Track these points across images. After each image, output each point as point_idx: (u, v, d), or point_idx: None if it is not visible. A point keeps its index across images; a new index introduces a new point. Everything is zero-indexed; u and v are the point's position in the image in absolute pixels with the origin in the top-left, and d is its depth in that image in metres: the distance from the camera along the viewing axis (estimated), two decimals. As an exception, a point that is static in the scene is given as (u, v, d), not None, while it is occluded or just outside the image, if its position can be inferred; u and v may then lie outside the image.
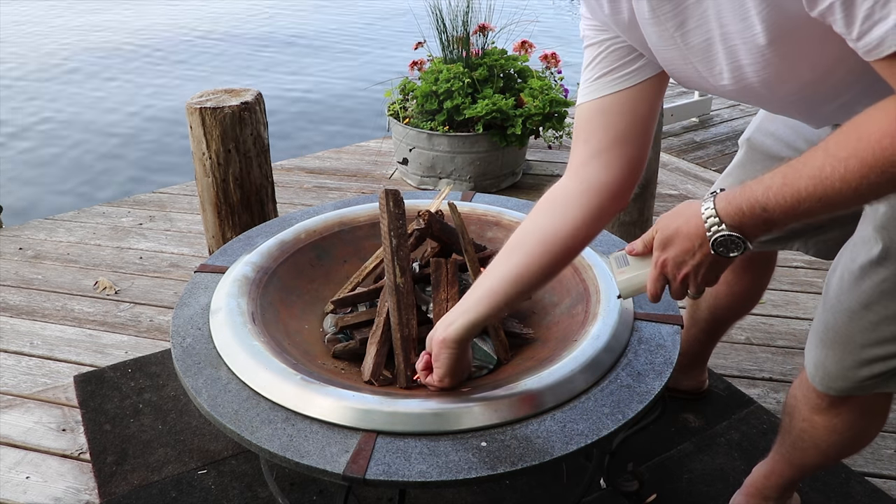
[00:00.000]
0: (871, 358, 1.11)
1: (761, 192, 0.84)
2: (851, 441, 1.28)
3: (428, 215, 1.44)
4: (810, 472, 1.42)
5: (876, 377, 1.13)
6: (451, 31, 3.23)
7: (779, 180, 0.82)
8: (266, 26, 8.38)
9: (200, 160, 2.19)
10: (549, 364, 1.23)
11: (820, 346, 1.17)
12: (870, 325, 1.09)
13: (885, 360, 1.10)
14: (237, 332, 1.30)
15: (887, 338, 1.08)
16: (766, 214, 0.84)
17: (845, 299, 1.11)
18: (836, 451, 1.31)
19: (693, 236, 0.91)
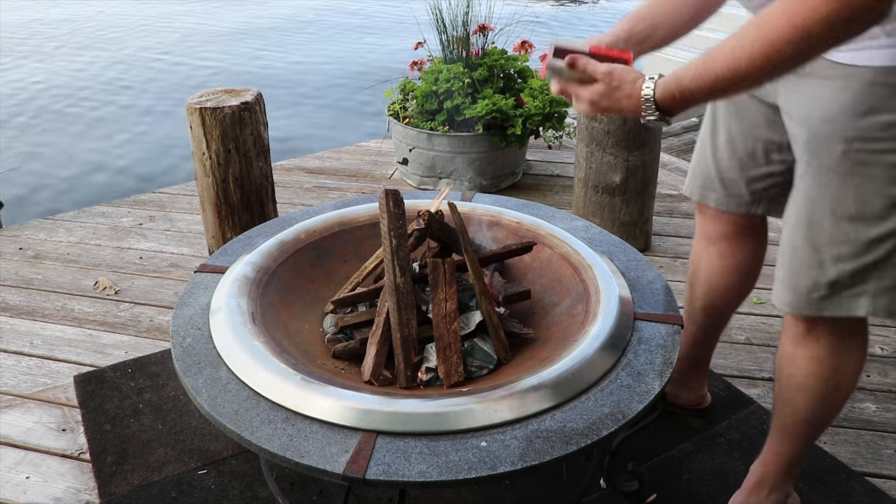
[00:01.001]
0: (813, 262, 1.23)
1: (689, 80, 1.03)
2: (833, 372, 1.31)
3: (428, 215, 1.44)
4: (803, 436, 1.43)
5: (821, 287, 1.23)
6: (451, 31, 3.23)
7: (701, 68, 1.01)
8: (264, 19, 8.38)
9: (200, 160, 2.19)
10: (549, 364, 1.23)
11: (778, 266, 1.30)
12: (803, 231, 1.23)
13: (823, 265, 1.21)
14: (237, 332, 1.30)
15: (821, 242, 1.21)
16: (691, 97, 1.04)
17: (787, 217, 1.27)
18: (821, 392, 1.33)
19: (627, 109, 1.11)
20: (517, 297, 1.50)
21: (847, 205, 1.17)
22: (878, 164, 1.13)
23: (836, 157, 1.15)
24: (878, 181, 1.14)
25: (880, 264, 1.19)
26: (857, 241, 1.18)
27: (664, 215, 3.01)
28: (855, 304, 1.22)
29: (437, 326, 1.35)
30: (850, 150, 1.14)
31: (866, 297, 1.21)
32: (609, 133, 2.51)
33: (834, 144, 1.15)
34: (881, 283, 1.20)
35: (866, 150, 1.13)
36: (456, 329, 1.35)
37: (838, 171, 1.16)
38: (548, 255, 1.57)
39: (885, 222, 1.15)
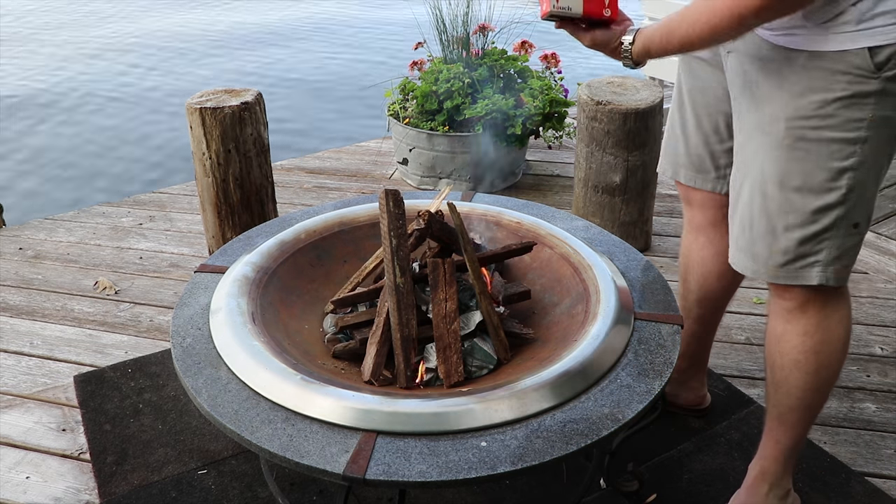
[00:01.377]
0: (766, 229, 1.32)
1: (658, 38, 1.24)
2: (823, 345, 1.37)
3: (428, 215, 1.44)
4: (799, 422, 1.44)
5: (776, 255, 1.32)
6: (451, 31, 3.23)
7: (666, 32, 1.22)
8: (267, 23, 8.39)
9: (200, 160, 2.19)
10: (549, 364, 1.23)
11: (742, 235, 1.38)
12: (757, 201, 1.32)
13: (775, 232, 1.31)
14: (237, 332, 1.30)
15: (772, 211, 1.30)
16: (660, 53, 1.26)
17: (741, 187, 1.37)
18: (814, 366, 1.38)
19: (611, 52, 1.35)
20: (517, 297, 1.50)
21: (793, 177, 1.27)
22: (817, 140, 1.23)
23: (780, 134, 1.26)
24: (819, 155, 1.24)
25: (827, 234, 1.28)
26: (804, 211, 1.27)
27: (664, 215, 3.01)
28: (808, 273, 1.31)
29: (437, 326, 1.35)
30: (792, 126, 1.24)
31: (818, 267, 1.30)
32: (609, 133, 2.51)
33: (778, 123, 1.26)
34: (830, 252, 1.29)
35: (805, 126, 1.23)
36: (456, 329, 1.35)
37: (783, 146, 1.26)
38: (548, 255, 1.57)
39: (828, 193, 1.25)
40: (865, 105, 1.19)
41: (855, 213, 1.27)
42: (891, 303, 2.41)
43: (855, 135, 1.21)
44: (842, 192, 1.24)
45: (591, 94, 2.51)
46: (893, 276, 2.55)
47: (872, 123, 1.20)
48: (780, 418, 1.45)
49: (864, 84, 1.18)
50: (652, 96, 2.50)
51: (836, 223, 1.27)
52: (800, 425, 1.45)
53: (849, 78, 1.18)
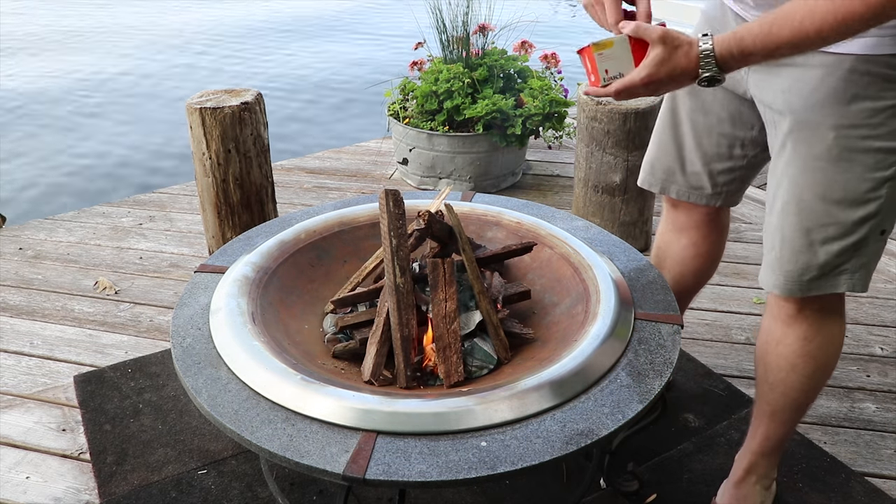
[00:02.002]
0: (802, 246, 1.27)
1: (751, 41, 1.05)
2: (821, 349, 1.36)
3: (428, 215, 1.44)
4: (790, 420, 1.46)
5: (812, 269, 1.28)
6: (451, 31, 3.23)
7: (766, 31, 1.04)
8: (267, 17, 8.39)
9: (200, 160, 2.19)
10: (549, 364, 1.23)
11: (766, 251, 1.34)
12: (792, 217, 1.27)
13: (812, 247, 1.26)
14: (237, 332, 1.30)
15: (810, 226, 1.25)
16: (751, 58, 1.08)
17: (773, 204, 1.31)
18: (811, 369, 1.38)
19: (686, 72, 1.11)
20: (517, 297, 1.50)
21: (836, 189, 1.21)
22: (865, 150, 1.18)
23: (826, 144, 1.19)
24: (864, 166, 1.19)
25: (861, 243, 1.25)
26: (845, 223, 1.23)
27: (664, 215, 3.01)
28: (836, 281, 1.29)
29: (437, 326, 1.35)
30: (840, 136, 1.18)
31: (846, 275, 1.28)
32: (609, 133, 2.51)
33: (823, 132, 1.19)
34: (859, 260, 1.27)
35: (853, 136, 1.17)
36: (456, 329, 1.35)
37: (828, 157, 1.20)
38: (548, 255, 1.57)
39: (869, 204, 1.21)
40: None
41: (886, 220, 1.25)
42: (891, 303, 2.41)
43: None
44: (880, 202, 1.21)
45: (591, 94, 2.51)
46: (893, 276, 2.55)
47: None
48: (771, 415, 1.47)
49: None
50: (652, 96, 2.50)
51: (869, 232, 1.24)
52: (791, 422, 1.47)
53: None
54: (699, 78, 1.11)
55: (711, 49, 1.08)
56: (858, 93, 1.15)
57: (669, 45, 1.11)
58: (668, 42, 1.11)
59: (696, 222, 1.65)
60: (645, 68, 1.13)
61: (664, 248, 1.73)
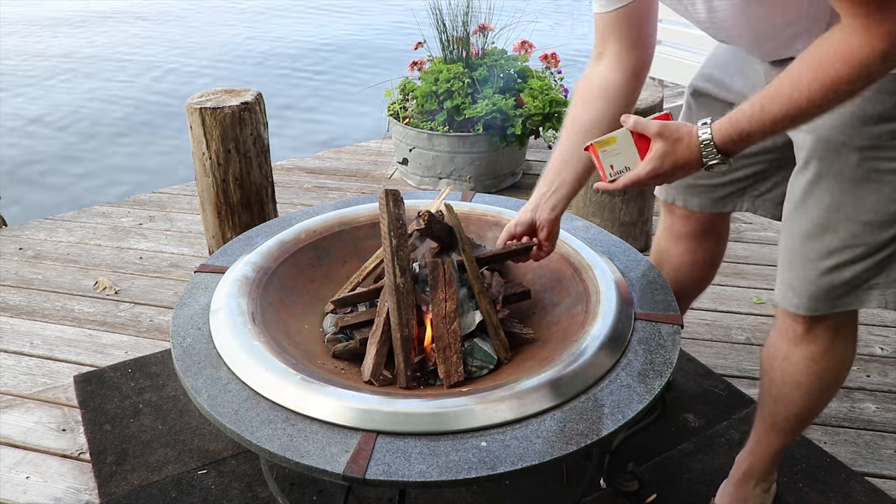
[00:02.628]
0: (828, 268, 1.24)
1: (746, 122, 1.06)
2: (828, 370, 1.34)
3: (428, 215, 1.44)
4: (793, 431, 1.45)
5: (837, 288, 1.24)
6: (451, 31, 3.23)
7: (758, 110, 1.04)
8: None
9: (200, 160, 2.19)
10: (549, 364, 1.23)
11: (785, 269, 1.31)
12: (817, 238, 1.23)
13: (838, 268, 1.23)
14: (237, 332, 1.30)
15: (836, 247, 1.22)
16: (750, 138, 1.07)
17: (795, 223, 1.27)
18: (817, 388, 1.36)
19: (690, 162, 1.11)
20: (517, 297, 1.50)
21: (863, 211, 1.18)
22: (891, 171, 1.15)
23: (851, 165, 1.16)
24: (893, 186, 1.15)
25: (890, 259, 1.21)
26: (873, 244, 1.20)
27: (664, 215, 3.01)
28: (866, 297, 1.25)
29: (436, 326, 1.35)
30: (865, 158, 1.15)
31: (878, 290, 1.24)
32: (609, 133, 2.50)
33: (847, 153, 1.16)
34: (891, 276, 1.22)
35: (880, 157, 1.14)
36: (456, 329, 1.35)
37: (853, 178, 1.17)
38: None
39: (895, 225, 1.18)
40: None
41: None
42: (891, 303, 2.41)
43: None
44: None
45: (591, 94, 2.51)
46: (893, 276, 2.56)
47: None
48: (774, 426, 1.46)
49: None
50: (651, 96, 2.50)
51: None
52: (793, 433, 1.47)
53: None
54: (706, 166, 1.11)
55: (711, 138, 1.08)
56: (884, 112, 1.12)
57: (669, 139, 1.11)
58: (667, 136, 1.11)
59: (694, 231, 1.64)
60: (649, 163, 1.13)
61: (661, 255, 1.73)
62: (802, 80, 0.99)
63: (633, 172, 1.16)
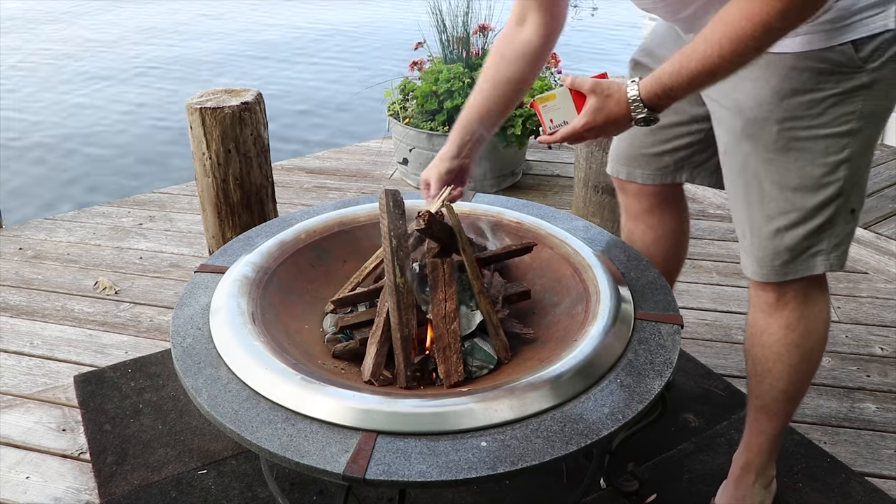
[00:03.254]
0: (771, 233, 1.32)
1: (668, 78, 1.15)
2: (804, 337, 1.39)
3: (428, 216, 1.44)
4: (784, 412, 1.47)
5: (783, 253, 1.33)
6: (451, 31, 3.23)
7: (677, 67, 1.14)
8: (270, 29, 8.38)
9: (200, 160, 2.19)
10: (549, 364, 1.23)
11: (741, 240, 1.40)
12: (756, 207, 1.33)
13: (780, 233, 1.32)
14: (237, 332, 1.30)
15: (774, 213, 1.31)
16: (673, 93, 1.16)
17: (737, 196, 1.37)
18: (797, 357, 1.40)
19: (620, 116, 1.22)
20: (517, 297, 1.50)
21: (791, 177, 1.28)
22: (812, 138, 1.24)
23: (772, 137, 1.27)
24: (814, 153, 1.25)
25: (829, 224, 1.30)
26: (806, 208, 1.29)
27: (664, 215, 3.01)
28: (812, 263, 1.33)
29: (436, 326, 1.35)
30: (784, 129, 1.25)
31: (822, 256, 1.32)
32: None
33: (769, 126, 1.26)
34: (832, 240, 1.31)
35: (797, 127, 1.25)
36: (455, 329, 1.35)
37: (776, 148, 1.27)
38: (548, 255, 1.57)
39: (827, 188, 1.27)
40: (855, 98, 1.21)
41: (852, 199, 1.29)
42: (891, 303, 2.41)
43: (847, 128, 1.23)
44: (840, 185, 1.26)
45: (591, 94, 2.51)
46: (893, 276, 2.55)
47: (863, 114, 1.22)
48: (763, 409, 1.49)
49: (853, 79, 1.20)
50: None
51: (836, 213, 1.29)
52: (783, 414, 1.48)
53: (837, 75, 1.20)
54: (634, 120, 1.22)
55: (638, 94, 1.19)
56: (797, 87, 1.22)
57: (601, 95, 1.22)
58: (599, 92, 1.22)
59: (648, 207, 1.70)
60: (583, 117, 1.25)
61: (629, 238, 1.78)
62: (714, 38, 1.09)
63: (570, 126, 1.27)
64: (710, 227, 2.98)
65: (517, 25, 1.45)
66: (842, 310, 2.38)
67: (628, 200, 1.74)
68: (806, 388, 1.46)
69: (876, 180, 3.31)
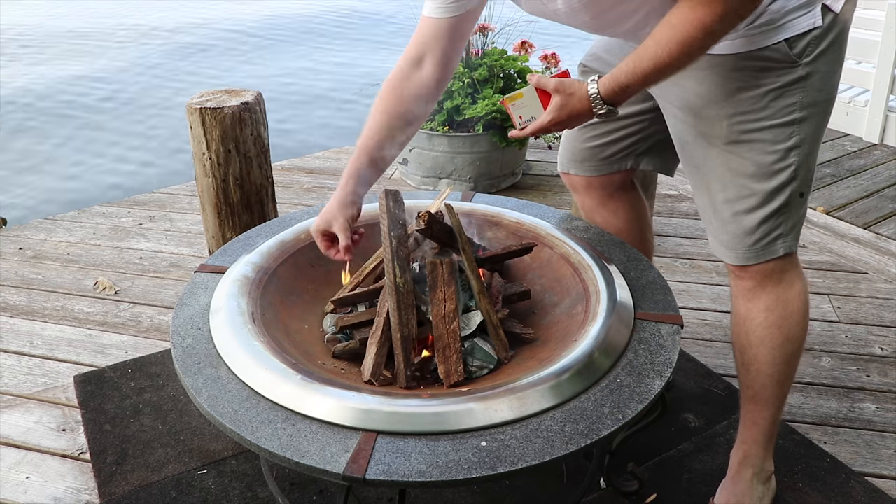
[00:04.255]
0: (731, 215, 1.41)
1: (623, 76, 1.26)
2: (784, 318, 1.44)
3: (428, 216, 1.44)
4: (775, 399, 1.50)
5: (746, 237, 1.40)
6: (451, 32, 3.22)
7: (632, 66, 1.24)
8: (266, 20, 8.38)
9: (200, 160, 2.19)
10: (549, 364, 1.23)
11: (707, 226, 1.49)
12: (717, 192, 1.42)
13: (739, 215, 1.40)
14: (237, 332, 1.30)
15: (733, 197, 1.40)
16: (629, 89, 1.27)
17: (698, 186, 1.47)
18: (780, 340, 1.45)
19: (583, 111, 1.32)
20: (517, 297, 1.50)
21: (745, 166, 1.37)
22: (760, 129, 1.34)
23: (724, 131, 1.36)
24: (763, 142, 1.34)
25: (784, 208, 1.38)
26: (762, 193, 1.37)
27: (664, 215, 3.01)
28: (774, 247, 1.40)
29: (436, 327, 1.35)
30: (733, 123, 1.35)
31: (781, 239, 1.40)
32: (609, 133, 2.50)
33: (719, 121, 1.36)
34: (788, 224, 1.39)
35: (745, 120, 1.34)
36: (455, 329, 1.35)
37: (729, 140, 1.37)
38: (548, 255, 1.57)
39: (780, 173, 1.35)
40: (794, 91, 1.31)
41: (803, 184, 1.38)
42: (891, 303, 2.41)
43: (791, 117, 1.33)
44: (792, 170, 1.35)
45: (591, 94, 2.51)
46: (893, 276, 2.55)
47: (803, 104, 1.32)
48: (754, 398, 1.51)
49: (789, 73, 1.30)
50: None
51: (790, 197, 1.37)
52: (773, 402, 1.51)
53: (775, 71, 1.30)
54: (596, 114, 1.31)
55: (598, 91, 1.29)
56: (741, 85, 1.32)
57: (564, 93, 1.32)
58: (562, 91, 1.32)
59: (601, 198, 1.75)
60: (549, 113, 1.34)
61: None
62: (662, 40, 1.20)
63: (537, 122, 1.37)
64: (710, 227, 2.97)
65: (413, 66, 1.49)
66: (842, 310, 2.38)
67: (580, 197, 1.79)
68: (793, 371, 1.50)
69: (876, 180, 3.31)
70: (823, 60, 1.31)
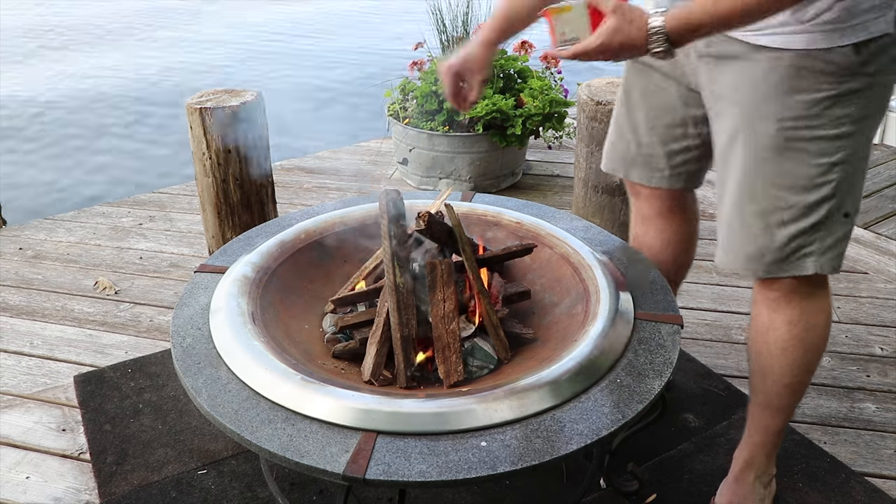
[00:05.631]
0: (762, 228, 1.32)
1: (700, 12, 1.12)
2: (807, 332, 1.40)
3: (428, 216, 1.44)
4: (787, 407, 1.49)
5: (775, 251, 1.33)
6: (451, 31, 3.23)
7: (710, 4, 1.11)
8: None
9: (200, 160, 2.19)
10: (548, 364, 1.23)
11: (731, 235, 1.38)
12: (749, 202, 1.33)
13: (770, 228, 1.31)
14: (237, 332, 1.30)
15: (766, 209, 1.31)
16: (700, 30, 1.14)
17: (729, 191, 1.36)
18: (800, 351, 1.41)
19: (637, 42, 1.17)
20: (517, 297, 1.50)
21: (785, 176, 1.28)
22: (808, 139, 1.25)
23: (770, 134, 1.27)
24: (808, 153, 1.26)
25: (821, 226, 1.30)
26: (798, 207, 1.29)
27: (664, 215, 3.01)
28: (802, 263, 1.33)
29: (436, 327, 1.35)
30: (781, 127, 1.26)
31: (812, 257, 1.32)
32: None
33: (767, 123, 1.27)
34: (823, 243, 1.31)
35: (795, 126, 1.25)
36: (455, 329, 1.35)
37: (773, 146, 1.27)
38: (548, 255, 1.57)
39: (821, 188, 1.27)
40: (850, 102, 1.22)
41: (846, 203, 1.30)
42: (891, 303, 2.41)
43: (842, 130, 1.24)
44: (833, 186, 1.27)
45: (590, 94, 2.51)
46: (893, 276, 2.55)
47: (855, 118, 1.23)
48: (766, 405, 1.50)
49: (849, 82, 1.21)
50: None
51: (829, 215, 1.29)
52: (785, 410, 1.50)
53: (836, 77, 1.20)
54: (651, 51, 1.17)
55: (663, 25, 1.15)
56: (798, 86, 1.23)
57: (624, 18, 1.17)
58: (622, 14, 1.17)
59: (659, 210, 1.69)
60: (599, 36, 1.18)
61: (637, 242, 1.77)
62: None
63: (582, 43, 1.21)
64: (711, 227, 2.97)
65: None
66: (842, 310, 2.38)
67: (640, 204, 1.72)
68: (808, 382, 1.47)
69: (876, 180, 3.31)
70: (884, 73, 1.22)
